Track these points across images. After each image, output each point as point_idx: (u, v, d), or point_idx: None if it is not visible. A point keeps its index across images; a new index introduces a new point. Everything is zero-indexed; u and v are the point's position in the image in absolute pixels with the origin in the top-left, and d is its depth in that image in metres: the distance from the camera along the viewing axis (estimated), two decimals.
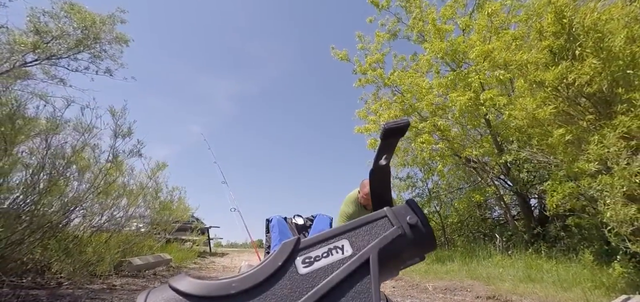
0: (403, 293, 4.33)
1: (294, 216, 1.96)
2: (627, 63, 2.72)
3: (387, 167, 0.55)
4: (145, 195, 5.11)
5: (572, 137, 2.89)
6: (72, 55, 8.82)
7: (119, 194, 3.92)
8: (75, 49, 8.76)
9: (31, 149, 2.90)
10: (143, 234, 4.86)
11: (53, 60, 8.64)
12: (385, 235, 0.47)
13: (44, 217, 3.07)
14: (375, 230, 0.48)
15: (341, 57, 9.50)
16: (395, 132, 0.49)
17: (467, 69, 7.05)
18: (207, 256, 8.30)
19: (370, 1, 9.30)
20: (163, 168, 5.21)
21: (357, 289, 0.42)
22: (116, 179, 4.27)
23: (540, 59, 3.56)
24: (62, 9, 8.38)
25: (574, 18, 3.05)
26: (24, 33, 7.93)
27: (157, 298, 0.39)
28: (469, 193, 9.17)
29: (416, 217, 0.50)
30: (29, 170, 3.17)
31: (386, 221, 0.49)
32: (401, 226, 0.49)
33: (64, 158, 2.85)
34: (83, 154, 3.32)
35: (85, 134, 4.04)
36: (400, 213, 0.50)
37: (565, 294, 3.24)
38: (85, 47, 8.94)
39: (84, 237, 3.65)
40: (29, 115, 3.51)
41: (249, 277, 0.41)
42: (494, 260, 5.99)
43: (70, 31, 8.62)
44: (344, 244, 0.46)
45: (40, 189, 2.72)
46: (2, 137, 3.04)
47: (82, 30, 8.84)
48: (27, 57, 8.07)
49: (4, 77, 7.12)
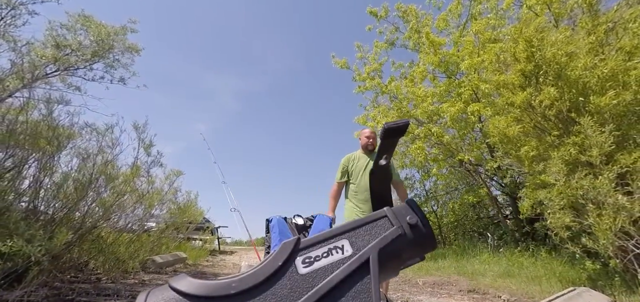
0: (395, 288, 4.84)
1: (294, 216, 1.94)
2: (579, 91, 3.20)
3: (387, 167, 0.56)
4: (162, 200, 5.67)
5: (536, 154, 3.37)
6: (88, 65, 9.43)
7: (142, 199, 4.47)
8: (91, 59, 9.36)
9: (79, 166, 3.45)
10: (163, 235, 5.42)
11: (71, 71, 9.25)
12: (385, 235, 0.47)
13: (84, 222, 3.64)
14: (375, 230, 0.48)
15: (341, 65, 9.98)
16: (395, 132, 0.50)
17: (459, 79, 7.52)
18: (216, 254, 8.91)
19: (369, 11, 9.77)
20: (178, 175, 5.77)
21: (357, 289, 0.42)
22: (141, 186, 4.83)
23: (515, 81, 4.05)
24: (78, 22, 8.98)
25: (538, 50, 3.53)
26: (43, 45, 8.52)
27: (157, 298, 0.39)
28: (463, 194, 9.64)
29: (416, 217, 0.50)
30: (69, 182, 3.73)
31: (386, 221, 0.49)
32: (401, 226, 0.49)
33: (102, 172, 3.40)
34: (114, 164, 3.87)
35: (114, 148, 4.61)
36: (400, 213, 0.51)
37: (531, 287, 3.75)
38: (100, 57, 9.53)
39: (118, 238, 4.21)
40: (66, 129, 4.07)
41: (249, 277, 0.41)
42: (482, 257, 6.48)
43: (87, 43, 9.21)
44: (344, 244, 0.46)
45: (87, 199, 3.27)
46: (49, 154, 3.62)
47: (98, 42, 9.44)
48: (47, 68, 8.68)
49: (29, 89, 7.69)
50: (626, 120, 3.26)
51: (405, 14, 9.08)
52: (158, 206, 5.11)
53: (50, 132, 3.77)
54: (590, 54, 3.52)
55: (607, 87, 3.25)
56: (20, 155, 3.67)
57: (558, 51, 3.30)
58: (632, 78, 3.15)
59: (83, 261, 4.32)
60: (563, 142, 3.31)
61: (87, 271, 4.17)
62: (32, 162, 3.73)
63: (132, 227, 4.50)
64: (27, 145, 3.62)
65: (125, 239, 4.58)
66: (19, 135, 3.48)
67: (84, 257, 4.32)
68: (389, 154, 0.54)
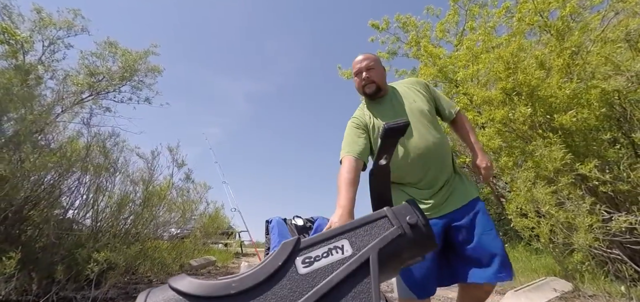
0: (387, 282, 5.47)
1: (294, 217, 1.93)
2: (546, 110, 3.77)
3: (387, 167, 0.56)
4: (193, 211, 6.49)
5: (513, 164, 3.95)
6: (117, 88, 10.42)
7: (183, 213, 5.27)
8: (119, 83, 10.35)
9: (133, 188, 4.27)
10: (197, 242, 6.25)
11: (102, 95, 10.25)
12: (385, 235, 0.47)
13: (138, 234, 4.45)
14: (375, 230, 0.48)
15: (348, 75, 10.61)
16: (395, 132, 0.51)
17: (457, 87, 8.05)
18: (240, 256, 9.73)
19: (371, 24, 10.37)
20: (207, 189, 6.57)
21: (357, 289, 0.42)
22: (177, 200, 5.65)
23: (498, 97, 4.63)
24: (106, 49, 10.01)
25: (513, 72, 4.11)
26: (77, 72, 9.52)
27: (158, 298, 0.39)
28: None
29: (416, 217, 0.50)
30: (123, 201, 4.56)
31: (386, 221, 0.49)
32: (401, 226, 0.49)
33: (155, 194, 4.19)
34: (163, 187, 4.67)
35: (154, 170, 5.43)
36: (400, 213, 0.50)
37: (516, 278, 4.34)
38: (127, 80, 10.52)
39: (160, 246, 5.02)
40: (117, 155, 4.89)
41: (249, 277, 0.41)
42: None
43: (115, 69, 10.20)
44: (344, 244, 0.46)
45: (142, 214, 4.08)
46: (105, 177, 4.44)
47: (125, 67, 10.42)
48: (83, 94, 9.69)
49: (69, 114, 8.68)
50: (591, 134, 3.82)
51: (405, 25, 9.64)
52: (191, 218, 5.92)
53: (102, 157, 4.60)
54: (560, 73, 4.08)
55: (572, 106, 3.82)
56: (83, 179, 4.51)
57: (528, 76, 3.88)
58: (593, 97, 3.70)
59: (134, 265, 5.15)
60: (529, 157, 3.89)
61: (138, 274, 4.98)
62: (90, 184, 4.56)
63: (178, 235, 5.31)
64: (84, 170, 4.45)
65: (166, 246, 5.39)
66: (83, 160, 4.28)
67: (135, 263, 5.15)
68: (389, 154, 0.54)
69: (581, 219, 2.53)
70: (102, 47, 9.85)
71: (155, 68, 10.93)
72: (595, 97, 3.64)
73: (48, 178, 4.13)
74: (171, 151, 5.92)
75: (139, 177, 4.39)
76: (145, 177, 4.34)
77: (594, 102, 3.70)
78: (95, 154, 4.60)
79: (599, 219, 2.60)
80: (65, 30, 8.67)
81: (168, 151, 5.90)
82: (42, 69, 7.14)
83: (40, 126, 4.36)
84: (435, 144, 1.44)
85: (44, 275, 3.15)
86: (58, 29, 8.46)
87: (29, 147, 3.89)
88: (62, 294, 3.26)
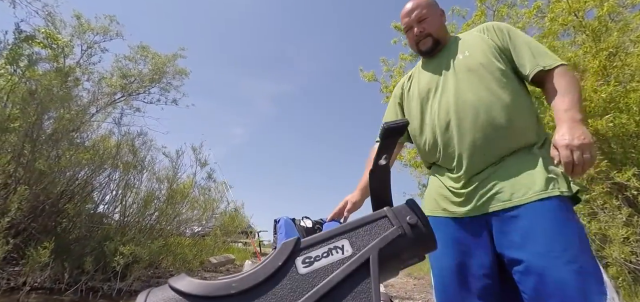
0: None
1: (302, 218, 1.90)
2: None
3: (387, 166, 0.56)
4: (214, 209, 6.66)
5: None
6: (147, 90, 10.92)
7: (204, 210, 5.43)
8: (149, 85, 10.84)
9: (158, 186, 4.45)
10: (217, 239, 6.41)
11: (133, 96, 10.78)
12: (385, 235, 0.47)
13: (161, 230, 4.63)
14: (375, 230, 0.48)
15: (369, 78, 10.54)
16: (395, 132, 0.51)
17: None
18: (259, 255, 9.92)
19: (394, 26, 10.24)
20: (228, 189, 6.73)
21: (357, 289, 0.42)
22: (199, 198, 5.82)
23: None
24: (138, 53, 10.55)
25: None
26: (110, 74, 10.09)
27: (158, 298, 0.39)
28: None
29: (416, 217, 0.50)
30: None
31: (386, 221, 0.50)
32: (401, 226, 0.49)
33: (178, 192, 4.35)
34: (186, 184, 4.84)
35: (178, 169, 5.64)
36: (400, 213, 0.51)
37: None
38: (156, 82, 11.01)
39: (182, 242, 5.19)
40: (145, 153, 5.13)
41: (249, 277, 0.41)
42: None
43: (146, 72, 10.72)
44: (344, 244, 0.46)
45: (166, 211, 4.24)
46: (133, 174, 4.66)
47: (154, 69, 10.91)
48: (115, 95, 10.26)
49: (102, 114, 9.22)
50: (629, 141, 3.56)
51: None
52: (212, 217, 6.08)
53: (131, 155, 4.83)
54: (595, 75, 3.83)
55: (609, 110, 3.57)
56: (113, 176, 4.75)
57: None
58: (632, 101, 3.45)
59: (158, 259, 5.36)
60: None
61: (160, 268, 5.17)
62: (119, 181, 4.80)
63: (198, 232, 5.48)
64: (114, 167, 4.69)
65: (188, 242, 5.57)
66: (113, 158, 4.52)
67: (159, 257, 5.36)
68: (389, 154, 0.54)
69: (616, 231, 2.34)
70: (134, 51, 10.42)
71: (182, 71, 11.40)
72: (635, 101, 3.38)
73: (82, 174, 4.40)
74: (194, 150, 6.12)
75: (164, 175, 4.58)
76: (170, 175, 4.51)
77: (633, 106, 3.44)
78: (124, 152, 4.85)
79: (637, 231, 2.40)
80: (101, 35, 9.22)
81: (192, 151, 6.12)
82: (80, 72, 7.62)
83: (77, 125, 4.66)
84: (481, 102, 0.99)
85: (74, 265, 3.35)
86: (95, 34, 9.01)
87: (66, 144, 4.17)
88: (90, 284, 3.45)
